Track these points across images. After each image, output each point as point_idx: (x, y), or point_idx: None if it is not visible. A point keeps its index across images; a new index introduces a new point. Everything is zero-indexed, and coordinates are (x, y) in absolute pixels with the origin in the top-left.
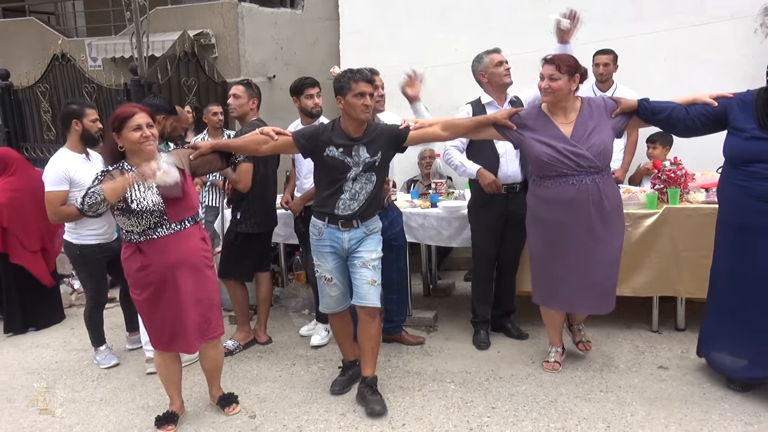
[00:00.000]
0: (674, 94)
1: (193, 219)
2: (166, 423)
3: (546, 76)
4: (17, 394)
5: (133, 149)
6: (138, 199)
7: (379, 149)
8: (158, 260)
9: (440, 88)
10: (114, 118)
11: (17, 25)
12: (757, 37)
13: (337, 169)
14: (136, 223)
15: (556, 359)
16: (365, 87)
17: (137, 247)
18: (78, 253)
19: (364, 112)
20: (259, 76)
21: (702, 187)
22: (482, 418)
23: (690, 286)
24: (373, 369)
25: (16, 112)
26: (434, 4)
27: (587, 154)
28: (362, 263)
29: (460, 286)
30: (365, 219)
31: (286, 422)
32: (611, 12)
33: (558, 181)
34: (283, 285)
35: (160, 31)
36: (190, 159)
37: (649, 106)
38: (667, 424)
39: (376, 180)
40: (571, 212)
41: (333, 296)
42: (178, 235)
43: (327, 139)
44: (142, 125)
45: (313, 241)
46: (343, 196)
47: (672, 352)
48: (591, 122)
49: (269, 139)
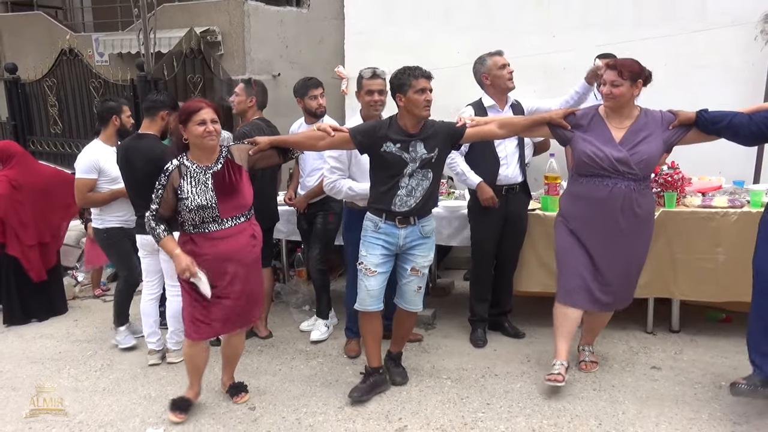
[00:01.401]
0: (675, 98)
1: (245, 216)
2: (179, 410)
3: (608, 81)
4: (22, 383)
5: (196, 143)
6: (192, 195)
7: (436, 146)
8: (209, 252)
9: (443, 89)
10: (182, 111)
11: (25, 20)
12: (757, 44)
13: (395, 165)
14: (190, 218)
15: (560, 371)
16: (425, 83)
17: (191, 237)
18: (105, 236)
19: (426, 108)
20: (264, 74)
21: (699, 191)
22: (477, 414)
23: (685, 288)
24: (401, 347)
25: (23, 105)
26: (438, 6)
27: (629, 159)
28: (413, 269)
29: (459, 286)
30: (422, 216)
31: (285, 414)
32: (613, 17)
33: (594, 181)
34: (284, 281)
35: (167, 27)
36: (249, 154)
37: (708, 116)
38: (658, 422)
39: (432, 177)
40: (599, 212)
41: (370, 291)
42: (229, 231)
43: (384, 135)
44: (207, 120)
45: (367, 233)
46: (399, 192)
47: (666, 353)
48: (643, 132)
49: (326, 135)
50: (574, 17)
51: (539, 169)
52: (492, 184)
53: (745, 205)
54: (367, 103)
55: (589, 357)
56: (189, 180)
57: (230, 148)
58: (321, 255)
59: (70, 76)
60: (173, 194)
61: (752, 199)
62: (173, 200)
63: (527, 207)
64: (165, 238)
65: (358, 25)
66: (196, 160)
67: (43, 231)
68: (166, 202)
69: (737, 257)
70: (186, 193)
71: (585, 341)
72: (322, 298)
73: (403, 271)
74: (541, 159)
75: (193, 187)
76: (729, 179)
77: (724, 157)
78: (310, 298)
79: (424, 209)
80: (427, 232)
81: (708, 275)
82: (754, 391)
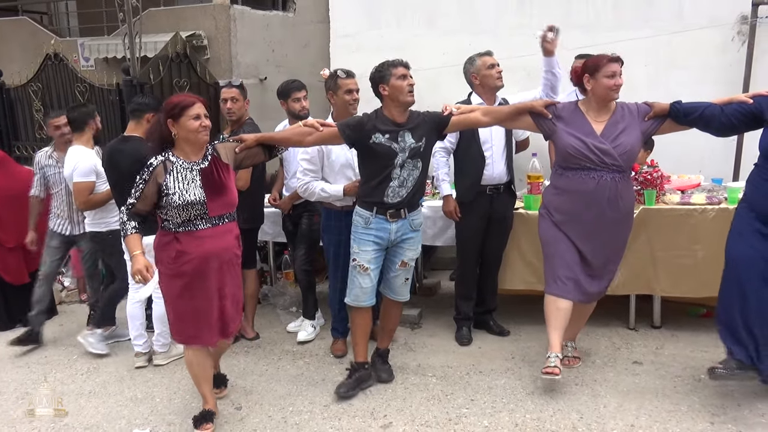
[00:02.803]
0: (655, 98)
1: (231, 216)
2: (205, 422)
3: (618, 73)
4: (7, 387)
5: (189, 138)
6: (180, 191)
7: (424, 135)
8: (194, 251)
9: (429, 89)
10: (174, 106)
11: (10, 25)
12: (734, 45)
13: (385, 155)
14: (176, 215)
15: (556, 364)
16: (404, 70)
17: (174, 236)
18: (111, 237)
19: (410, 93)
20: (250, 77)
21: (678, 189)
22: (461, 410)
23: (665, 285)
24: (388, 344)
25: (8, 110)
26: (422, 9)
27: (613, 151)
28: (402, 263)
29: (445, 286)
30: (412, 209)
31: (271, 413)
32: (593, 19)
33: (580, 174)
34: (271, 283)
35: (153, 32)
36: (236, 152)
37: (682, 107)
38: (638, 415)
39: (422, 166)
40: (586, 203)
41: (364, 288)
42: (215, 230)
43: (372, 127)
44: (201, 115)
45: (357, 229)
46: (392, 183)
47: (647, 348)
48: (622, 124)
49: (314, 130)
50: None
51: (522, 168)
52: (477, 184)
53: (723, 201)
54: (345, 102)
55: (571, 352)
56: (175, 176)
57: (216, 146)
58: (306, 256)
59: (56, 81)
60: (156, 190)
61: (729, 195)
62: (154, 196)
63: (512, 207)
64: (131, 235)
65: (344, 29)
66: (183, 156)
67: (22, 235)
68: (146, 198)
69: (716, 253)
70: (172, 189)
71: (567, 336)
72: (308, 299)
73: (392, 264)
74: (523, 158)
75: (180, 183)
76: (708, 177)
77: (704, 155)
78: (297, 300)
79: (414, 200)
80: (416, 225)
81: (688, 271)
82: (731, 375)
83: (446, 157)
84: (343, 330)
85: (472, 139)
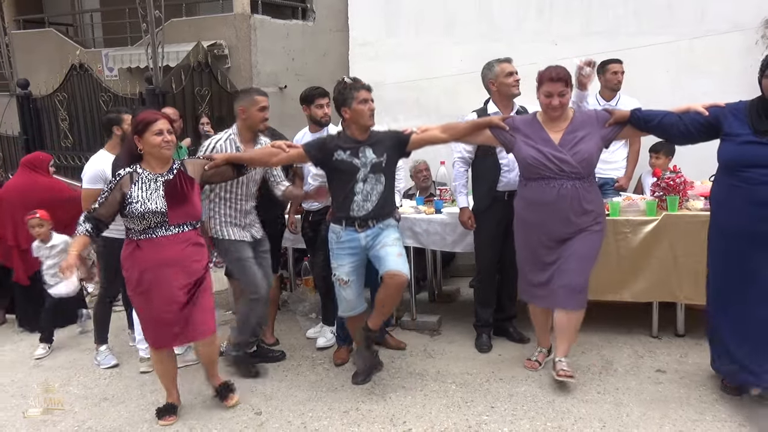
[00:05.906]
0: (677, 104)
1: (192, 225)
2: (167, 414)
3: (555, 93)
4: (32, 390)
5: (152, 152)
6: (143, 200)
7: (385, 151)
8: (154, 258)
9: (446, 97)
10: (138, 122)
11: (37, 37)
12: (758, 49)
13: (347, 171)
14: (138, 222)
15: (537, 358)
16: (366, 94)
17: (136, 243)
18: (102, 244)
19: (371, 117)
20: (270, 86)
21: (701, 195)
22: (481, 417)
23: (689, 292)
24: (379, 323)
25: (34, 120)
26: (440, 17)
27: (571, 159)
28: (383, 245)
29: (464, 293)
30: (381, 220)
31: (291, 419)
32: (614, 25)
33: (540, 183)
34: (291, 290)
35: (175, 42)
36: (205, 169)
37: (641, 114)
38: (662, 424)
39: (385, 181)
40: (550, 213)
41: (349, 300)
42: (176, 238)
43: (334, 146)
44: (164, 130)
45: (332, 245)
46: (356, 198)
47: (671, 357)
48: (580, 132)
49: (281, 151)
50: (575, 26)
51: None
52: (493, 189)
53: None
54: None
55: (566, 367)
56: (140, 185)
57: (184, 162)
58: (326, 262)
59: (81, 91)
60: (120, 198)
61: None
62: (117, 205)
63: None
64: (81, 236)
65: (363, 37)
66: (149, 169)
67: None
68: (109, 204)
69: None
70: (136, 198)
71: (560, 353)
72: (327, 305)
73: (377, 252)
74: None
75: (143, 192)
76: None
77: None
78: (316, 307)
79: (382, 213)
80: (386, 225)
81: None
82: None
83: (465, 167)
84: (344, 337)
85: (489, 146)
